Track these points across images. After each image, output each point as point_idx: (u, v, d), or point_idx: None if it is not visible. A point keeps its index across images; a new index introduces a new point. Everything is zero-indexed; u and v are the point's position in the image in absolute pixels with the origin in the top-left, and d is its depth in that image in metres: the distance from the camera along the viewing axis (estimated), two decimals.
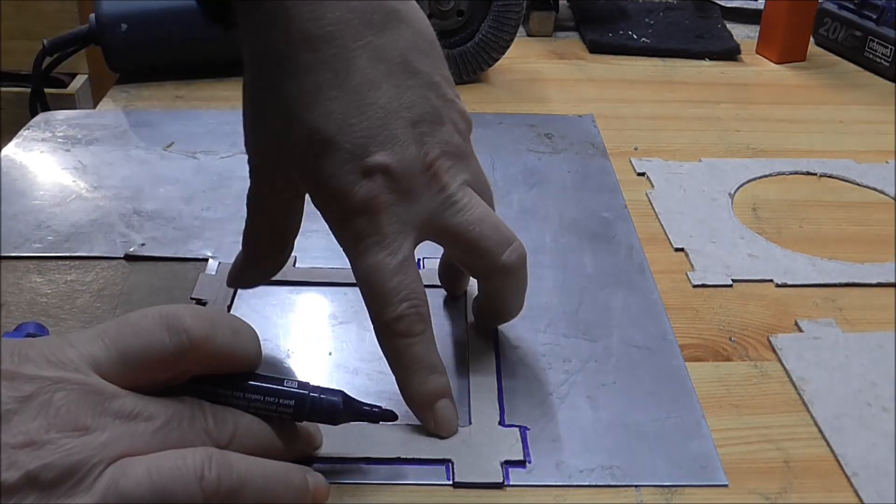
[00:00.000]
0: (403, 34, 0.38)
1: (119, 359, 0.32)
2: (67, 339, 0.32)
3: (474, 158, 0.41)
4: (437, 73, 0.40)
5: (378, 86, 0.38)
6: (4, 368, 0.30)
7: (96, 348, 0.32)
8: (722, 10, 0.94)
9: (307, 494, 0.34)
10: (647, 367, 0.44)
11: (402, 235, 0.38)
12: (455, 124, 0.40)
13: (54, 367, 0.30)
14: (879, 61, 0.81)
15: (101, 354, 0.31)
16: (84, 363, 0.31)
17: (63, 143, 0.65)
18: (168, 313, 0.33)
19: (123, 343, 0.32)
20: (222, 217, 0.55)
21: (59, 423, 0.30)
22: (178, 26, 0.73)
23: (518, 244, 0.40)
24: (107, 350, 0.32)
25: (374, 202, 0.38)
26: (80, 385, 0.30)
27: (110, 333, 0.32)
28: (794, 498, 0.37)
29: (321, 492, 0.35)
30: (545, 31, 0.90)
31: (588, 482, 0.37)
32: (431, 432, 0.39)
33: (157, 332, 0.32)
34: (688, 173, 0.62)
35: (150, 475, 0.30)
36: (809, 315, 0.48)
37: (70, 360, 0.31)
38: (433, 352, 0.39)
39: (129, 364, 0.32)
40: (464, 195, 0.39)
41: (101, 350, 0.32)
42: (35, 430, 0.29)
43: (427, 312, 0.39)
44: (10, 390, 0.29)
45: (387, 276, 0.38)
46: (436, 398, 0.39)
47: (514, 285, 0.42)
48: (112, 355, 0.32)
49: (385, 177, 0.38)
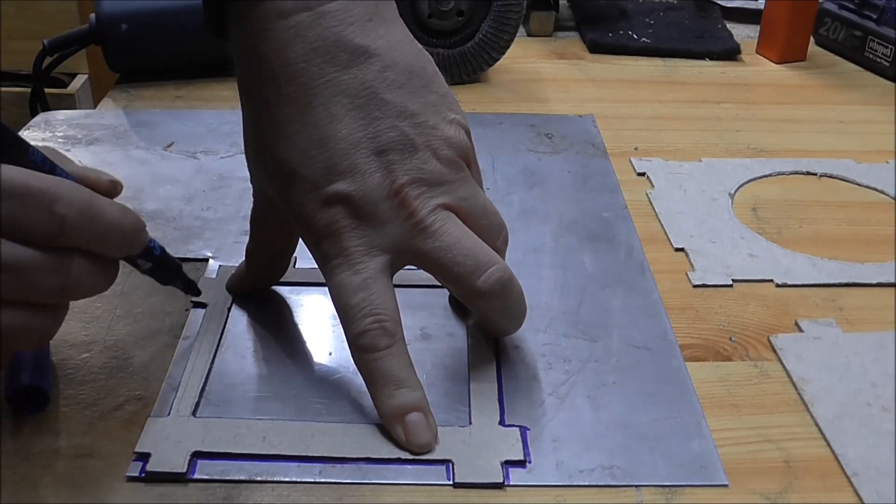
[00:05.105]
0: (371, 69, 0.39)
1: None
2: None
3: (462, 182, 0.41)
4: (415, 102, 0.40)
5: (339, 119, 0.39)
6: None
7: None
8: (722, 10, 0.94)
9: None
10: (648, 367, 0.44)
11: (367, 256, 0.39)
12: (435, 150, 0.40)
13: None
14: (879, 61, 0.81)
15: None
16: None
17: (63, 143, 0.65)
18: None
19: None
20: (223, 217, 0.55)
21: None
22: (178, 26, 0.72)
23: (497, 268, 0.40)
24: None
25: (334, 227, 0.39)
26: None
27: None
28: (794, 498, 0.37)
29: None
30: (545, 31, 0.90)
31: (588, 482, 0.37)
32: (404, 447, 0.38)
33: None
34: (688, 173, 0.62)
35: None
36: (809, 315, 0.48)
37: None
38: (402, 366, 0.39)
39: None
40: (435, 220, 0.40)
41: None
42: None
43: (394, 328, 0.39)
44: None
45: (350, 293, 0.39)
46: (405, 412, 0.39)
47: (500, 308, 0.42)
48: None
49: (344, 204, 0.39)
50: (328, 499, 0.37)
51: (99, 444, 0.39)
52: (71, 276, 0.35)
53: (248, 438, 0.39)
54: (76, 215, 0.34)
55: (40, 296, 0.35)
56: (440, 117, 0.41)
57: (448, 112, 0.41)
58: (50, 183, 0.34)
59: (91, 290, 0.36)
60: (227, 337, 0.45)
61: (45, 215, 0.33)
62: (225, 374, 0.43)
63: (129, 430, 0.39)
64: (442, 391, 0.42)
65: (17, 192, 0.33)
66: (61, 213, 0.34)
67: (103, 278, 0.37)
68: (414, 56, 0.41)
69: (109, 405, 0.41)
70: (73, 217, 0.34)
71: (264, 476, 0.37)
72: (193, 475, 0.37)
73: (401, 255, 0.40)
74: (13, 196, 0.33)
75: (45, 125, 0.67)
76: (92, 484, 0.37)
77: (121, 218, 0.36)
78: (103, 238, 0.35)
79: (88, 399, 0.41)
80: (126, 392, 0.41)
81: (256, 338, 0.46)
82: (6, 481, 0.37)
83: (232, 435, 0.39)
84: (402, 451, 0.38)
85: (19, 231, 0.33)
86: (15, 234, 0.33)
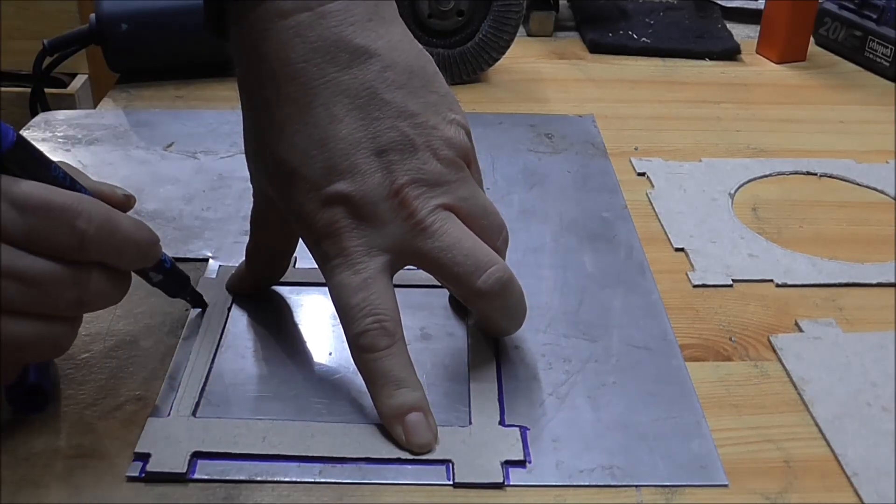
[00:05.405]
0: (371, 69, 0.39)
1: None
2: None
3: (462, 182, 0.41)
4: (415, 102, 0.40)
5: (340, 119, 0.39)
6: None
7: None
8: (722, 10, 0.94)
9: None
10: (647, 367, 0.44)
11: (367, 256, 0.39)
12: (435, 151, 0.40)
13: None
14: (879, 61, 0.81)
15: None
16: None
17: (63, 143, 0.65)
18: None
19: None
20: (223, 217, 0.55)
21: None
22: (178, 26, 0.73)
23: (497, 268, 0.40)
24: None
25: (335, 227, 0.39)
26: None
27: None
28: (794, 498, 0.37)
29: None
30: (545, 31, 0.90)
31: (588, 482, 0.37)
32: (404, 447, 0.39)
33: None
34: (688, 173, 0.62)
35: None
36: (809, 315, 0.48)
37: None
38: (402, 366, 0.39)
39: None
40: (435, 221, 0.40)
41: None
42: None
43: (394, 328, 0.39)
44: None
45: (350, 293, 0.39)
46: (405, 412, 0.39)
47: (500, 308, 0.42)
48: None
49: (345, 205, 0.39)
50: (328, 499, 0.37)
51: (99, 444, 0.39)
52: (89, 289, 0.36)
53: (248, 438, 0.39)
54: (96, 230, 0.35)
55: (59, 308, 0.36)
56: (440, 117, 0.41)
57: (448, 112, 0.41)
58: (71, 199, 0.35)
59: (106, 303, 0.37)
60: (227, 337, 0.45)
61: (66, 230, 0.34)
62: (225, 374, 0.43)
63: (129, 430, 0.39)
64: (442, 391, 0.42)
65: (40, 207, 0.34)
66: (82, 228, 0.34)
67: (118, 291, 0.38)
68: (414, 56, 0.41)
69: (109, 405, 0.41)
70: (92, 232, 0.35)
71: (264, 476, 0.37)
72: (193, 475, 0.37)
73: (401, 255, 0.40)
74: (36, 211, 0.34)
75: (45, 125, 0.67)
76: (92, 484, 0.37)
77: (136, 232, 0.37)
78: (120, 252, 0.36)
79: (88, 399, 0.41)
80: (126, 392, 0.41)
81: (256, 338, 0.46)
82: (6, 481, 0.37)
83: (232, 435, 0.39)
84: (402, 451, 0.38)
85: (41, 245, 0.34)
86: (36, 247, 0.34)
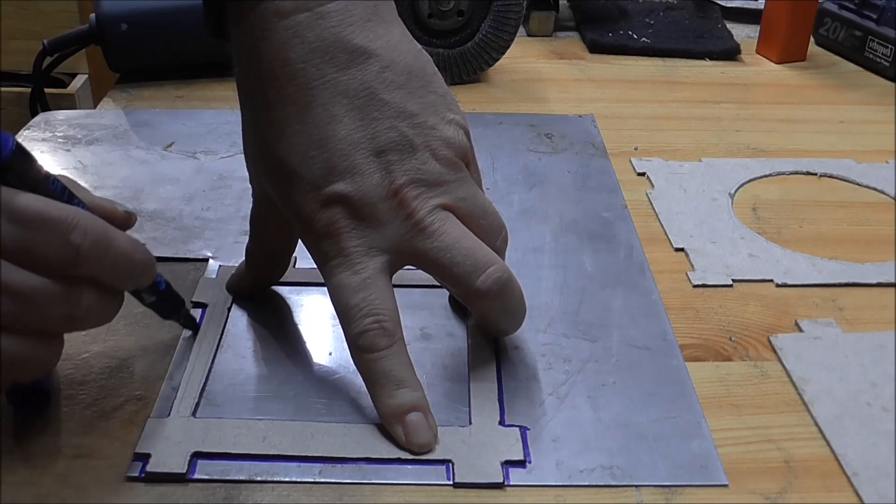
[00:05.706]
0: (370, 69, 0.39)
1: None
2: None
3: (461, 182, 0.41)
4: (414, 102, 0.40)
5: (339, 119, 0.39)
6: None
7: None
8: (722, 10, 0.94)
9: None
10: (647, 367, 0.44)
11: (366, 257, 0.39)
12: (434, 151, 0.40)
13: None
14: (879, 61, 0.81)
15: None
16: None
17: (63, 143, 0.65)
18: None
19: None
20: (223, 217, 0.55)
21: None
22: (178, 26, 0.72)
23: (496, 269, 0.40)
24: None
25: (334, 228, 0.39)
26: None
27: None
28: (794, 498, 0.37)
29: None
30: (545, 31, 0.90)
31: (588, 482, 0.37)
32: (404, 447, 0.39)
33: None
34: (688, 173, 0.62)
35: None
36: (809, 315, 0.48)
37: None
38: (402, 366, 0.39)
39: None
40: (434, 221, 0.40)
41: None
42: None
43: (393, 328, 0.39)
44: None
45: (349, 293, 0.39)
46: (405, 412, 0.39)
47: (499, 308, 0.42)
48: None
49: (344, 205, 0.39)
50: (328, 499, 0.37)
51: (99, 444, 0.39)
52: (80, 306, 0.35)
53: (248, 438, 0.39)
54: (90, 245, 0.34)
55: (48, 324, 0.35)
56: (439, 118, 0.41)
57: (447, 112, 0.41)
58: (67, 212, 0.34)
59: (97, 321, 0.37)
60: (227, 337, 0.45)
61: (61, 244, 0.34)
62: (225, 374, 0.43)
63: (129, 430, 0.39)
64: (442, 391, 0.42)
65: (36, 219, 0.33)
66: (77, 242, 0.34)
67: (109, 310, 0.37)
68: (413, 56, 0.41)
69: (109, 405, 0.41)
70: (87, 247, 0.34)
71: (264, 476, 0.37)
72: (193, 475, 0.37)
73: (400, 255, 0.40)
74: (31, 223, 0.33)
75: (45, 125, 0.67)
76: (92, 484, 0.37)
77: (132, 251, 0.37)
78: (114, 269, 0.36)
79: (88, 399, 0.41)
80: (126, 392, 0.41)
81: (256, 338, 0.46)
82: (6, 481, 0.37)
83: (232, 435, 0.39)
84: (402, 451, 0.38)
85: (35, 258, 0.34)
86: (30, 261, 0.34)
